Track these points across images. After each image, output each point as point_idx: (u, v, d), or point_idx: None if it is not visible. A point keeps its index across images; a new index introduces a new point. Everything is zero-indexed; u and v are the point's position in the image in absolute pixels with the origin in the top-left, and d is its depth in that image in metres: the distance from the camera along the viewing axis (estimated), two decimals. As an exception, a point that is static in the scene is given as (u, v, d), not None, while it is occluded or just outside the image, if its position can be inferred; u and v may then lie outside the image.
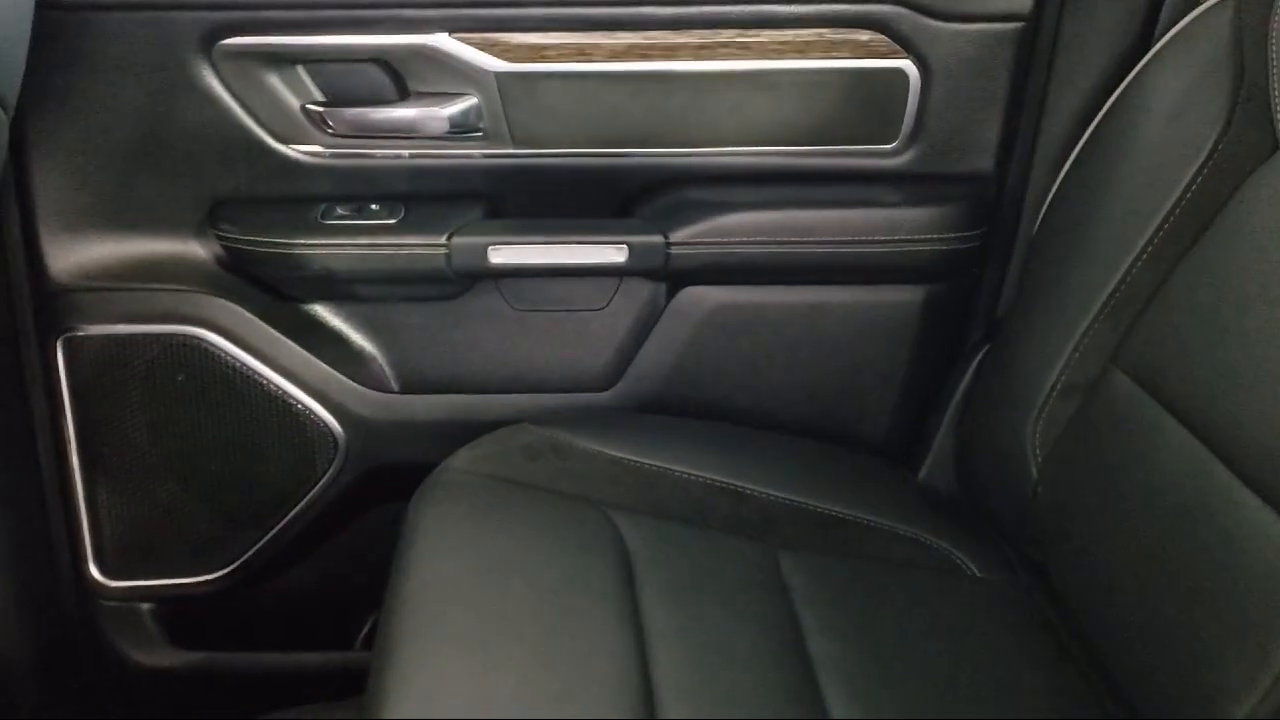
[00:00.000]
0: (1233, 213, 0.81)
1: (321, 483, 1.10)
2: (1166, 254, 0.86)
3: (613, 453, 0.98)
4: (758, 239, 1.04)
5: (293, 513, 1.11)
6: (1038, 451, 0.91)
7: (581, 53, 1.00)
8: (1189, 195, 0.85)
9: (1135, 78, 0.94)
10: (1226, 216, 0.81)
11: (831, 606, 0.87)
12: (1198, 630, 0.72)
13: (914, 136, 1.04)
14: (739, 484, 0.97)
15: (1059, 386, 0.90)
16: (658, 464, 0.98)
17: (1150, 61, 0.93)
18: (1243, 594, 0.69)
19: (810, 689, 0.79)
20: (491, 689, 0.72)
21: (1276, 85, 0.79)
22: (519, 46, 1.00)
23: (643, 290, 1.09)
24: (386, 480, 1.09)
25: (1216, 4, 0.88)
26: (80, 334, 1.05)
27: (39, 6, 0.84)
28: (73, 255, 1.04)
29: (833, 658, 0.82)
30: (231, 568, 1.13)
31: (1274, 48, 0.80)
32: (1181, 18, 0.91)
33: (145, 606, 1.15)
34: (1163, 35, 0.93)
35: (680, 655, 0.78)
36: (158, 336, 1.05)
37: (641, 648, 0.78)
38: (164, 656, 1.15)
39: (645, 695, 0.74)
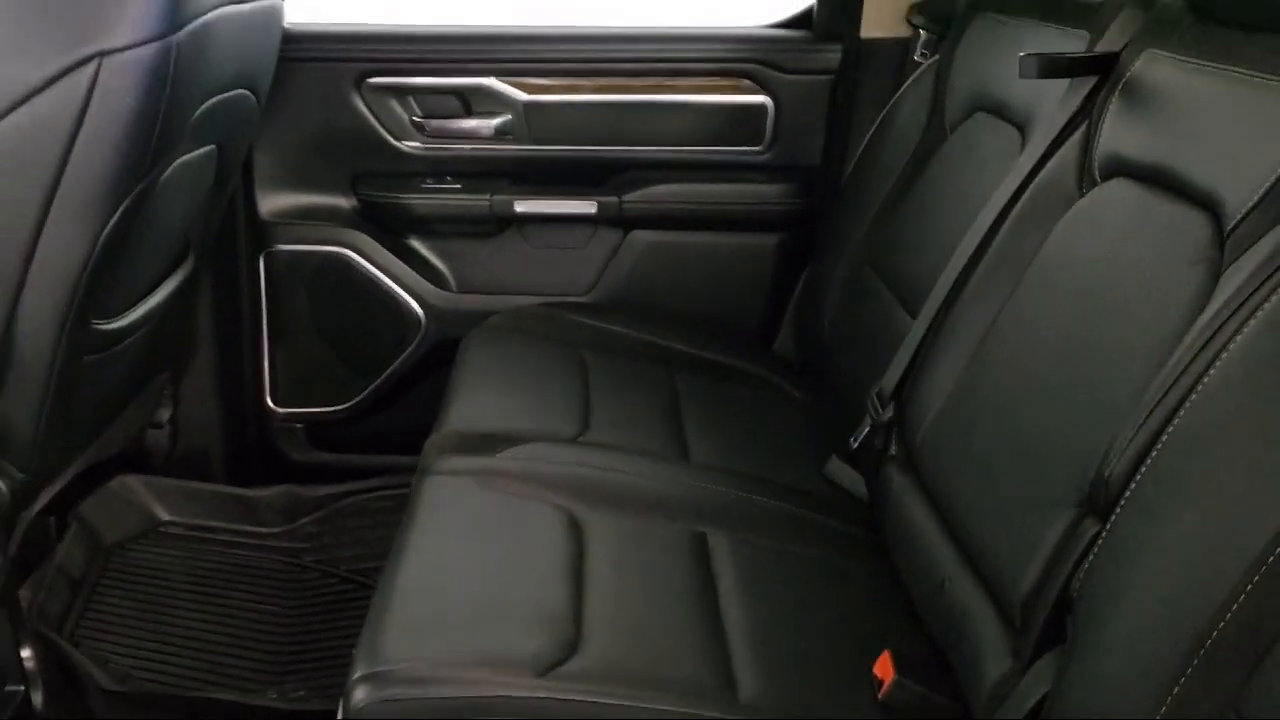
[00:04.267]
0: (927, 172, 1.47)
1: (410, 348, 1.80)
2: (895, 201, 1.52)
3: (584, 321, 1.67)
4: (677, 201, 1.73)
5: (391, 367, 1.81)
6: (828, 320, 1.57)
7: (573, 89, 1.72)
8: (908, 167, 1.52)
9: (890, 106, 1.62)
10: (924, 175, 1.48)
11: (701, 403, 1.52)
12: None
13: (772, 142, 1.73)
14: (658, 340, 1.65)
15: (839, 280, 1.57)
16: (609, 328, 1.66)
17: (898, 98, 1.61)
18: (885, 352, 1.34)
19: (679, 436, 1.44)
20: (504, 403, 1.40)
21: (947, 109, 1.47)
22: (536, 85, 1.72)
23: (608, 235, 1.78)
24: (449, 348, 1.76)
25: (928, 67, 1.57)
26: (275, 250, 1.76)
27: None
28: (273, 203, 1.75)
29: (698, 423, 1.47)
30: (353, 402, 1.83)
31: (948, 90, 1.48)
32: (912, 74, 1.60)
33: (299, 425, 1.85)
34: (904, 83, 1.62)
35: (607, 401, 1.45)
36: (319, 253, 1.76)
37: (586, 396, 1.45)
38: (309, 455, 1.85)
39: (585, 408, 1.41)
